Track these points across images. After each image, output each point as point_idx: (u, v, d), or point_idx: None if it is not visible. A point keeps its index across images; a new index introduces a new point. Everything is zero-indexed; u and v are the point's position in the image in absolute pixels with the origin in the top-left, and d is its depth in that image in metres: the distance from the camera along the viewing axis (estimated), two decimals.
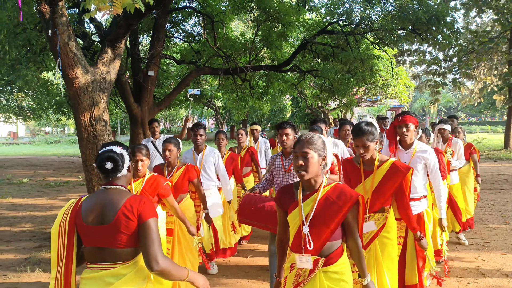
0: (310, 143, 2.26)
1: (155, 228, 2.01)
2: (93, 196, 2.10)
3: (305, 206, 2.27)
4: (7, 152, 28.01)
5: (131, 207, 2.00)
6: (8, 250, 5.76)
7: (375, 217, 3.09)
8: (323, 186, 2.29)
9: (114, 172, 2.11)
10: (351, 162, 3.26)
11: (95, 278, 2.01)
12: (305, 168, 2.23)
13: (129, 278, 2.01)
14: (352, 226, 2.28)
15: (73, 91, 5.79)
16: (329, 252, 2.25)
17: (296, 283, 2.26)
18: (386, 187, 3.04)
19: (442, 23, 11.34)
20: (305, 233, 2.24)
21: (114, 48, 6.31)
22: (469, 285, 4.28)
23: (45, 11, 5.53)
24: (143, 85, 14.38)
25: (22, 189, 11.15)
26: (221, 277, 4.70)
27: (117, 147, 2.15)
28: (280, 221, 2.45)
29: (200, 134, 4.84)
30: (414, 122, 3.62)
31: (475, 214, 7.14)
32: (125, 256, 2.01)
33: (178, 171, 4.16)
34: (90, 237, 2.02)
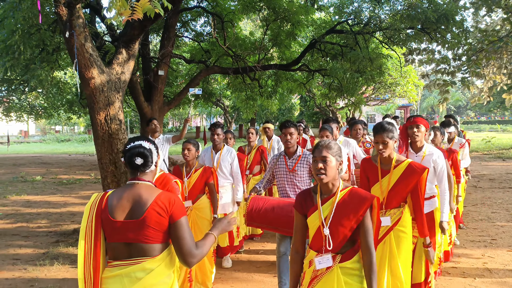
0: (329, 148, 2.40)
1: (186, 226, 2.04)
2: (120, 190, 2.07)
3: (324, 209, 2.40)
4: (18, 150, 28.42)
5: (163, 204, 2.00)
6: (26, 245, 5.95)
7: (391, 212, 3.23)
8: (340, 190, 2.41)
9: (143, 168, 2.09)
10: (369, 161, 3.41)
11: (121, 275, 1.98)
12: (324, 172, 2.36)
13: (157, 272, 1.99)
14: (366, 229, 2.36)
15: (89, 91, 5.96)
16: (346, 249, 2.39)
17: (314, 276, 2.40)
18: (402, 186, 3.17)
19: (451, 22, 11.32)
20: (325, 234, 2.37)
21: (128, 49, 6.47)
22: (475, 280, 4.37)
23: (62, 13, 5.70)
24: (153, 84, 14.57)
25: (36, 187, 11.38)
26: (233, 271, 4.85)
27: (145, 142, 2.13)
28: (298, 225, 2.54)
29: (218, 133, 4.98)
30: (425, 124, 3.75)
31: (483, 213, 7.23)
32: (153, 251, 2.00)
33: (196, 172, 4.31)
34: (117, 232, 1.99)
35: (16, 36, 8.13)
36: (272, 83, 17.02)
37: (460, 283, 4.32)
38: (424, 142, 3.80)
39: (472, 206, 7.72)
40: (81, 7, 5.90)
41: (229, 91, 23.10)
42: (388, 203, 3.22)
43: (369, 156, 3.54)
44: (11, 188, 11.16)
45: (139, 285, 1.96)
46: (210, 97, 20.54)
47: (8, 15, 8.28)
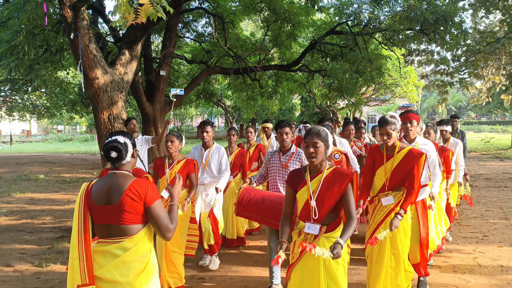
0: (318, 135, 2.83)
1: (160, 207, 2.33)
2: (102, 179, 2.37)
3: (312, 184, 2.85)
4: (21, 149, 28.65)
5: (136, 191, 2.28)
6: (32, 241, 6.13)
7: (393, 194, 3.64)
8: (326, 169, 2.87)
9: (118, 160, 2.37)
10: (377, 148, 3.86)
11: (104, 251, 2.29)
12: (315, 155, 2.81)
13: (134, 250, 2.29)
14: (349, 199, 2.80)
15: (93, 90, 6.14)
16: (330, 221, 2.84)
17: (303, 246, 2.68)
18: (403, 168, 3.61)
19: (450, 23, 11.43)
20: (312, 205, 2.82)
21: (131, 50, 6.65)
22: (465, 274, 4.53)
23: (67, 15, 5.88)
24: (155, 84, 14.77)
25: (39, 185, 11.57)
26: (232, 265, 5.01)
27: (121, 137, 2.39)
28: (288, 198, 3.00)
29: (207, 131, 4.96)
30: (417, 119, 4.15)
31: (477, 211, 7.39)
32: (130, 231, 2.29)
33: (179, 164, 4.32)
34: (99, 215, 2.30)
35: (20, 36, 8.29)
36: (272, 83, 17.17)
37: (450, 277, 4.48)
38: (416, 134, 4.16)
39: (467, 204, 7.85)
40: (85, 10, 6.08)
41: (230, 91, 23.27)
42: (391, 184, 3.65)
43: (377, 144, 3.92)
44: (15, 186, 11.35)
45: (118, 261, 2.27)
46: (211, 97, 20.70)
47: (13, 16, 8.45)
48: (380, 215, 3.65)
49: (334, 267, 2.75)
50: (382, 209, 3.64)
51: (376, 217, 3.68)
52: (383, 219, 3.61)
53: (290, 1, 14.62)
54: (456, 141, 5.95)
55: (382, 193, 3.69)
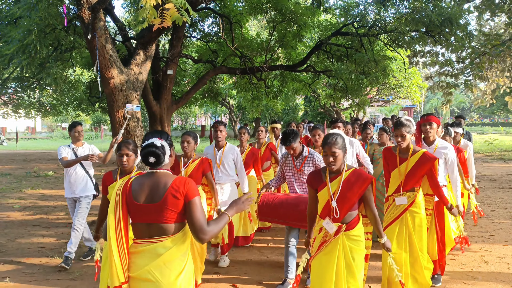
0: (336, 144, 2.97)
1: (199, 204, 2.29)
2: (142, 178, 2.35)
3: (332, 186, 3.02)
4: (26, 146, 28.84)
5: (178, 188, 2.26)
6: (48, 235, 6.30)
7: (407, 194, 3.80)
8: (345, 171, 3.03)
9: (157, 165, 2.34)
10: (390, 150, 4.02)
11: (144, 251, 2.27)
12: (334, 164, 2.98)
13: (175, 249, 2.28)
14: (369, 200, 3.06)
15: (109, 90, 6.30)
16: (349, 220, 3.03)
17: (323, 240, 3.03)
18: (417, 171, 3.76)
19: (455, 25, 11.49)
20: (333, 206, 3.00)
21: (145, 50, 6.81)
22: (472, 271, 4.68)
23: (85, 16, 6.03)
24: (162, 83, 14.90)
25: (49, 181, 11.74)
26: (245, 260, 5.17)
27: (157, 139, 2.35)
28: (311, 197, 3.21)
29: (220, 130, 5.10)
30: (437, 121, 4.33)
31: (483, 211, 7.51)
32: (170, 230, 2.27)
33: (194, 162, 4.44)
34: (140, 214, 2.28)
35: (32, 35, 8.43)
36: (278, 83, 17.30)
37: (458, 273, 4.63)
38: (436, 136, 4.31)
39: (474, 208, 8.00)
40: (102, 11, 6.22)
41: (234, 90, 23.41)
42: (405, 186, 3.80)
43: (390, 146, 4.07)
44: (26, 182, 11.52)
45: (159, 260, 2.25)
46: (216, 97, 20.86)
47: (25, 15, 8.60)
48: (394, 214, 3.82)
49: (351, 260, 2.98)
50: (396, 208, 3.82)
51: (390, 215, 3.86)
52: (397, 217, 3.80)
53: (296, 2, 14.75)
54: (466, 143, 6.01)
55: (397, 194, 3.84)
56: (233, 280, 4.57)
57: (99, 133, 39.66)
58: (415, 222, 3.76)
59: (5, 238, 6.14)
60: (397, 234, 3.76)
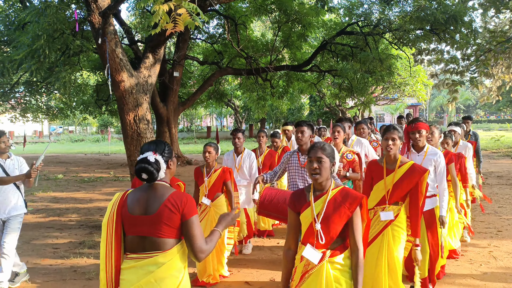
0: (324, 149, 2.58)
1: (197, 223, 2.20)
2: (139, 189, 2.28)
3: (316, 206, 2.56)
4: (34, 150, 29.07)
5: (175, 202, 2.17)
6: (62, 236, 6.42)
7: (392, 208, 3.51)
8: (331, 189, 2.59)
9: (150, 181, 2.22)
10: (375, 163, 3.74)
11: (136, 267, 2.17)
12: (319, 172, 2.54)
13: (168, 266, 2.16)
14: (356, 226, 2.52)
15: (119, 93, 6.41)
16: (335, 246, 2.54)
17: (305, 270, 2.53)
18: (405, 184, 3.47)
19: (460, 23, 11.48)
20: (317, 229, 2.53)
21: (154, 53, 6.92)
22: (481, 266, 4.75)
23: (95, 21, 6.14)
24: (168, 86, 15.06)
25: (60, 184, 11.89)
26: (256, 258, 5.27)
27: (152, 154, 2.22)
28: (291, 223, 2.69)
29: (238, 137, 5.46)
30: (426, 127, 4.07)
31: (490, 208, 7.57)
32: (164, 246, 2.16)
33: (216, 172, 4.71)
34: (133, 226, 2.19)
35: (41, 40, 8.56)
36: (283, 83, 17.38)
37: (467, 268, 4.70)
38: (425, 142, 4.10)
39: (480, 201, 8.04)
40: (112, 16, 6.34)
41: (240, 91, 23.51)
42: (391, 197, 3.51)
43: (375, 159, 3.85)
44: (36, 185, 11.64)
45: (150, 277, 2.14)
46: (222, 98, 20.99)
47: (33, 20, 8.74)
48: (376, 229, 3.53)
49: None
50: (378, 223, 3.53)
51: (372, 230, 3.54)
52: (379, 232, 3.50)
53: (300, 2, 14.83)
54: (465, 144, 5.79)
55: (380, 206, 3.55)
56: (246, 277, 4.67)
57: (105, 136, 39.93)
58: (395, 236, 3.47)
59: (20, 240, 6.20)
60: (379, 248, 3.46)
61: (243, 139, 5.52)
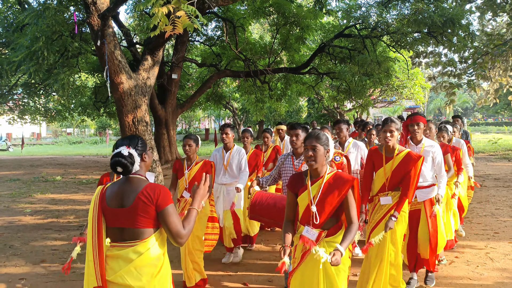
0: (318, 138, 2.83)
1: (173, 211, 2.29)
2: (116, 183, 2.38)
3: (313, 189, 2.85)
4: (32, 152, 29.09)
5: (148, 195, 2.26)
6: (61, 238, 6.43)
7: (392, 194, 3.83)
8: (326, 174, 2.87)
9: (125, 174, 2.33)
10: (376, 150, 4.02)
11: (117, 256, 2.28)
12: (314, 159, 2.81)
13: (146, 254, 2.28)
14: (350, 204, 2.81)
15: (118, 95, 6.44)
16: (331, 226, 2.85)
17: (304, 250, 2.80)
18: (402, 169, 3.79)
19: (457, 26, 11.54)
20: (313, 211, 2.82)
21: (153, 55, 6.95)
22: (478, 268, 4.77)
23: (94, 24, 6.18)
24: (167, 88, 15.08)
25: (58, 186, 11.89)
26: (255, 259, 5.28)
27: (125, 148, 2.34)
28: (289, 202, 2.99)
29: (227, 133, 5.20)
30: (423, 121, 4.35)
31: (487, 210, 7.61)
32: (143, 235, 2.28)
33: (197, 165, 4.53)
34: (113, 218, 2.30)
35: (40, 42, 8.58)
36: (281, 85, 17.42)
37: (464, 270, 4.73)
38: (422, 136, 4.36)
39: (477, 203, 8.09)
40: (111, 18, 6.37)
41: (238, 93, 23.57)
42: (390, 185, 3.83)
43: (376, 146, 4.10)
44: (34, 187, 11.67)
45: (131, 266, 2.26)
46: (220, 100, 21.01)
47: (32, 22, 8.76)
48: (379, 215, 3.84)
49: (334, 272, 2.77)
50: (381, 208, 3.84)
51: (375, 216, 3.88)
52: (381, 219, 3.80)
53: (299, 5, 14.89)
54: (458, 140, 6.03)
55: (382, 193, 3.85)
56: (243, 279, 4.68)
57: (104, 138, 39.90)
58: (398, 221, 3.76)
59: (19, 241, 6.28)
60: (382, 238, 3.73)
61: (232, 135, 5.26)
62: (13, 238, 6.44)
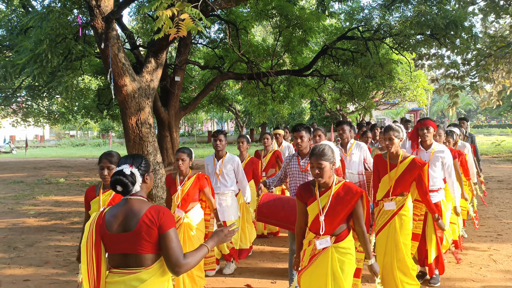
0: (323, 155, 2.86)
1: (174, 237, 2.19)
2: (116, 206, 2.26)
3: (322, 200, 2.92)
4: (35, 154, 29.15)
5: (152, 217, 2.17)
6: (65, 239, 6.46)
7: (396, 199, 3.89)
8: (335, 184, 2.93)
9: (125, 194, 2.24)
10: (380, 157, 4.09)
11: (119, 282, 2.17)
12: (321, 176, 2.87)
13: (151, 282, 2.17)
14: (359, 215, 2.93)
15: (122, 97, 6.45)
16: (339, 232, 2.93)
17: (313, 254, 2.93)
18: (406, 177, 3.84)
19: (460, 28, 11.51)
20: (321, 221, 2.90)
21: (157, 58, 6.97)
22: (481, 269, 4.77)
23: (98, 26, 6.20)
24: (170, 90, 15.10)
25: (61, 188, 11.94)
26: (258, 261, 5.29)
27: (128, 167, 2.24)
28: (300, 211, 3.09)
29: (220, 139, 5.02)
30: (434, 125, 4.40)
31: (490, 212, 7.60)
32: (147, 261, 2.17)
33: (190, 180, 4.27)
34: (114, 244, 2.18)
35: (44, 45, 8.62)
36: (284, 88, 17.44)
37: (467, 271, 4.73)
38: (432, 140, 4.41)
39: (481, 205, 8.06)
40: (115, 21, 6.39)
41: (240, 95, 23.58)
42: (394, 191, 3.89)
43: (381, 153, 4.16)
44: (38, 189, 11.72)
45: None
46: (223, 102, 21.04)
47: (36, 25, 8.81)
48: (384, 218, 3.92)
49: (342, 276, 2.85)
50: (386, 213, 3.91)
51: (380, 219, 3.96)
52: (386, 223, 3.89)
53: (301, 7, 14.91)
54: (464, 144, 6.00)
55: (386, 198, 3.93)
56: (247, 280, 4.69)
57: (107, 140, 40.00)
58: (403, 225, 3.84)
59: (23, 243, 6.31)
60: (387, 236, 3.86)
61: (225, 142, 5.09)
62: (17, 240, 6.48)
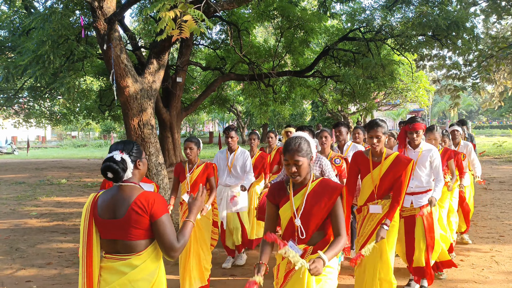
0: (300, 150, 2.44)
1: (168, 222, 2.16)
2: (108, 192, 2.24)
3: (296, 200, 2.52)
4: (37, 155, 29.19)
5: (142, 204, 2.13)
6: (67, 240, 6.47)
7: (382, 203, 3.57)
8: (311, 181, 2.54)
9: (116, 180, 2.19)
10: (361, 154, 3.74)
11: (111, 267, 2.18)
12: (299, 174, 2.46)
13: (141, 268, 2.17)
14: (337, 214, 2.48)
15: (124, 98, 6.46)
16: (317, 240, 2.51)
17: (288, 269, 2.49)
18: (391, 175, 3.52)
19: (462, 29, 11.51)
20: (297, 225, 2.49)
21: (159, 59, 6.98)
22: (483, 271, 4.77)
23: (100, 28, 6.21)
24: (171, 91, 15.13)
25: (63, 189, 11.96)
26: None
27: (118, 153, 2.20)
28: (269, 214, 2.64)
29: (231, 136, 5.24)
30: (423, 128, 4.19)
31: (492, 213, 7.59)
32: (138, 247, 2.16)
33: (198, 168, 4.52)
34: (105, 230, 2.18)
35: (46, 46, 8.65)
36: (285, 89, 17.45)
37: (469, 273, 4.72)
38: (421, 140, 4.22)
39: (482, 206, 8.08)
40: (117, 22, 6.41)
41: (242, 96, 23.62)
42: (379, 192, 3.57)
43: (361, 150, 3.89)
44: (40, 190, 11.74)
45: (124, 279, 2.15)
46: (225, 103, 21.08)
47: (38, 26, 8.84)
48: (369, 226, 3.57)
49: None
50: (372, 219, 3.58)
51: (366, 228, 3.60)
52: (372, 231, 3.53)
53: (303, 8, 14.93)
54: (466, 143, 6.10)
55: (371, 202, 3.58)
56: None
57: (108, 141, 40.03)
58: (390, 232, 3.51)
59: (25, 244, 6.32)
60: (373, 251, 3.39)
61: (236, 138, 5.29)
62: (19, 241, 6.49)
